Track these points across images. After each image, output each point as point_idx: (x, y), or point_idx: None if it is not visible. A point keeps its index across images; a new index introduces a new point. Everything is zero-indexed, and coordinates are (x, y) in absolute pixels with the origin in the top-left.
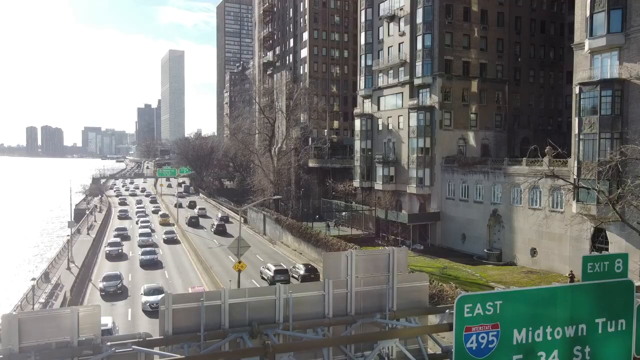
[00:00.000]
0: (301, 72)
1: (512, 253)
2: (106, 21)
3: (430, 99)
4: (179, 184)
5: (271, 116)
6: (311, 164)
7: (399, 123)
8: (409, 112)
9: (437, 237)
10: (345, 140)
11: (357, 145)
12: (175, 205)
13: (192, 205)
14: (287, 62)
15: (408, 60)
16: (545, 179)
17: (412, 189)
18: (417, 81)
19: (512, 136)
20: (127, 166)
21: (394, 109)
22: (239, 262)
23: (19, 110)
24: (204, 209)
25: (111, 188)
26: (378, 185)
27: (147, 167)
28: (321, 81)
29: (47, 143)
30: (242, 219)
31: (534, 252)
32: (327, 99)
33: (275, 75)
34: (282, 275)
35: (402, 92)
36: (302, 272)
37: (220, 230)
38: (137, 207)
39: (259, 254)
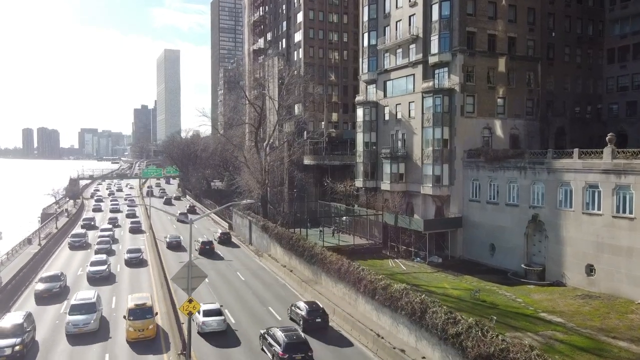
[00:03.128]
0: (295, 58)
1: (559, 270)
2: (103, 22)
3: (449, 80)
4: (163, 181)
5: (258, 103)
6: (306, 161)
7: (409, 111)
8: (422, 97)
9: (458, 247)
10: (345, 134)
11: (360, 138)
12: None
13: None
14: (280, 48)
15: (421, 34)
16: (607, 175)
17: (426, 189)
18: (432, 59)
19: (546, 125)
20: (120, 167)
21: (403, 95)
22: (189, 302)
23: (15, 112)
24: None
25: (92, 197)
26: (385, 185)
27: (136, 172)
28: (318, 68)
29: (43, 145)
30: (225, 231)
31: (590, 269)
32: (324, 88)
33: (266, 62)
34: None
35: (413, 74)
36: (304, 313)
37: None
38: (100, 238)
39: (241, 270)
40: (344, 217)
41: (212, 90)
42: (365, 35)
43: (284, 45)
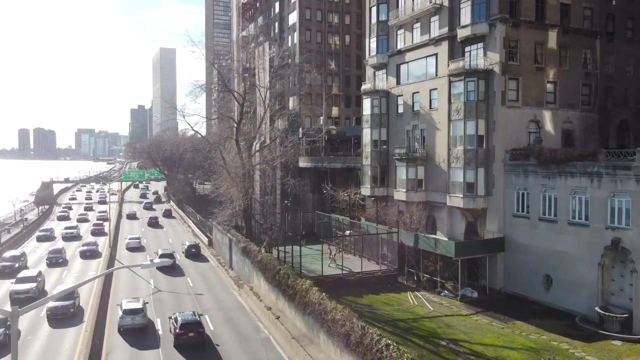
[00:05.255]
0: (290, 44)
1: None
2: (100, 23)
3: (485, 58)
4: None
5: (238, 92)
6: (302, 164)
7: (430, 101)
8: (449, 82)
9: (498, 276)
10: (348, 131)
11: (367, 135)
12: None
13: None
14: (272, 33)
15: (446, 2)
16: None
17: (455, 200)
18: (462, 33)
19: (606, 118)
20: (112, 168)
21: (422, 81)
22: None
23: (12, 113)
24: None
25: (66, 208)
26: (399, 194)
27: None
28: (315, 55)
29: (39, 145)
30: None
31: None
32: (323, 79)
33: (257, 49)
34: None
35: (436, 54)
36: (186, 247)
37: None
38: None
39: (213, 310)
40: (347, 232)
41: (207, 89)
42: (374, 9)
43: (276, 30)
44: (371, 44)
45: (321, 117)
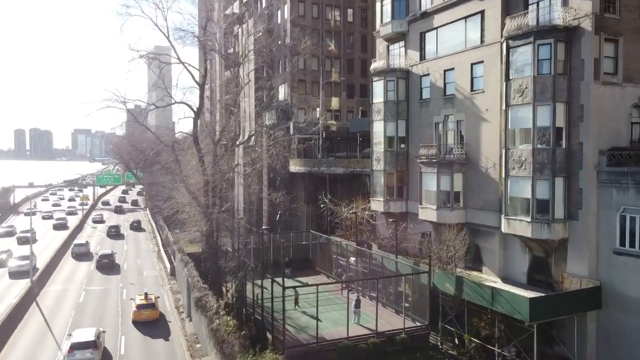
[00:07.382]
0: (279, 21)
1: None
2: (98, 22)
3: (566, 10)
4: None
5: (195, 67)
6: (293, 168)
7: (472, 80)
8: (506, 48)
9: (589, 345)
10: (352, 126)
11: (379, 130)
12: None
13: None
14: (259, 9)
15: None
16: None
17: (516, 225)
18: None
19: None
20: (104, 169)
21: (460, 52)
22: None
23: (8, 113)
24: None
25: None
26: (426, 212)
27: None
28: (311, 33)
29: (35, 146)
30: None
31: None
32: (320, 63)
33: (240, 27)
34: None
35: (481, 11)
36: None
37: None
38: None
39: None
40: (353, 259)
41: (200, 86)
42: None
43: (264, 4)
44: (384, 7)
45: (318, 109)
